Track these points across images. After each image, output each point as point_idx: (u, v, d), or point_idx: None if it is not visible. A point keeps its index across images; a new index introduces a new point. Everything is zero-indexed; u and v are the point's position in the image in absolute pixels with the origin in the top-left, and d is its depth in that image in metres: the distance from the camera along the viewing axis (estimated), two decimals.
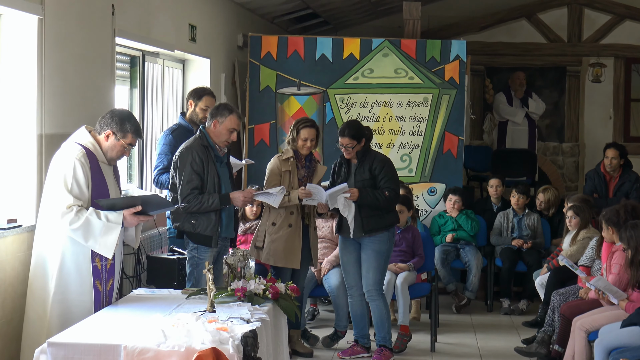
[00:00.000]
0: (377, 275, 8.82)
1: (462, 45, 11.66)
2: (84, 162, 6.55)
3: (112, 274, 6.83)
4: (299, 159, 8.75)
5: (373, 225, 8.70)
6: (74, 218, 6.47)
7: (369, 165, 8.75)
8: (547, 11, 15.98)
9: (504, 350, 9.30)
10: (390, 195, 8.72)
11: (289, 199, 8.53)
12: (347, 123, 8.94)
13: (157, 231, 9.38)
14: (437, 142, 11.56)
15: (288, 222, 8.66)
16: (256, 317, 6.30)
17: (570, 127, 16.07)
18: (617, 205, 8.95)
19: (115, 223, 6.59)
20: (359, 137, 8.73)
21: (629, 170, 12.08)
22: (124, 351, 5.53)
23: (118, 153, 6.82)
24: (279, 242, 8.63)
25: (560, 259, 9.14)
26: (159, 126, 10.35)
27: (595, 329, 7.89)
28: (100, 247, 6.58)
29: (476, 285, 11.18)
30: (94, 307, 6.62)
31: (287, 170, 8.64)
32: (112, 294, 6.87)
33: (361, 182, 8.67)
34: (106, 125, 6.75)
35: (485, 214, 11.81)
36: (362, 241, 8.81)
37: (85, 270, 6.61)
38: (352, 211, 8.62)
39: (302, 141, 8.69)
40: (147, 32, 9.26)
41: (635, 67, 16.11)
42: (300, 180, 8.67)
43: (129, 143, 6.81)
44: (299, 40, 11.72)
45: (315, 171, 8.81)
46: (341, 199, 8.56)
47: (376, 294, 8.84)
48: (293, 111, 11.39)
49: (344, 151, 8.77)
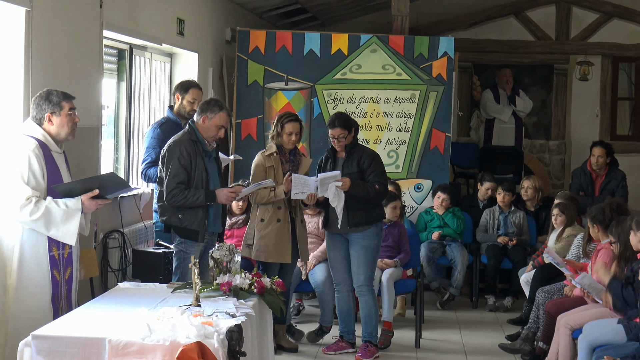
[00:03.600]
0: (367, 271, 8.83)
1: (450, 42, 11.67)
2: (38, 154, 6.54)
3: (70, 263, 6.81)
4: (282, 153, 8.75)
5: (359, 219, 8.70)
6: (34, 209, 6.47)
7: (357, 159, 8.75)
8: (535, 9, 16.02)
9: (489, 347, 9.32)
10: (380, 189, 8.73)
11: (274, 194, 8.54)
12: (336, 114, 8.95)
13: (142, 225, 9.38)
14: (424, 138, 11.57)
15: (276, 217, 8.66)
16: (241, 312, 6.30)
17: (557, 124, 16.11)
18: (603, 203, 8.98)
19: (74, 209, 6.59)
20: (349, 127, 8.73)
21: (615, 169, 12.13)
22: (109, 345, 5.52)
23: (69, 124, 6.73)
24: (269, 237, 8.63)
25: (545, 256, 9.16)
26: (146, 120, 10.34)
27: (580, 326, 7.91)
28: (63, 235, 6.59)
29: (461, 281, 11.20)
30: (51, 296, 6.62)
31: (272, 166, 8.64)
32: (72, 283, 6.85)
33: (349, 176, 8.65)
34: (41, 112, 6.67)
35: (472, 211, 11.83)
36: (350, 237, 8.81)
37: (44, 261, 6.60)
38: (341, 201, 8.60)
39: (287, 135, 8.69)
40: (135, 25, 9.25)
41: (622, 65, 16.17)
42: (284, 174, 8.68)
43: (70, 109, 6.71)
44: (287, 35, 11.71)
45: (300, 164, 8.81)
46: (332, 188, 8.54)
47: (367, 289, 8.85)
48: (280, 106, 11.38)
49: (336, 143, 8.75)
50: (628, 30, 15.87)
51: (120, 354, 5.50)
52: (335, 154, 8.88)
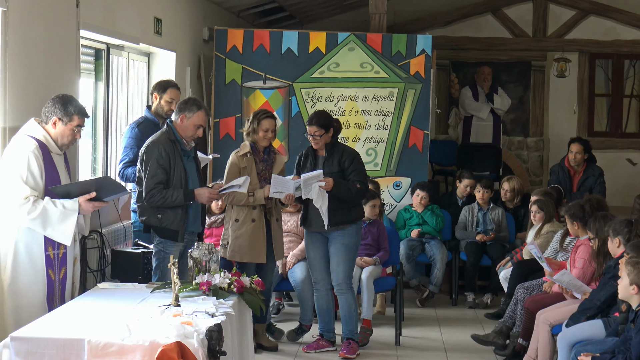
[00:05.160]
0: (346, 269, 8.84)
1: (428, 40, 11.68)
2: (37, 154, 6.66)
3: (65, 263, 6.89)
4: (256, 153, 8.75)
5: (340, 218, 8.70)
6: (32, 208, 6.57)
7: (338, 158, 8.74)
8: (512, 6, 16.06)
9: (468, 344, 9.32)
10: (361, 188, 8.74)
11: (254, 199, 8.55)
12: (316, 112, 8.95)
13: (121, 225, 9.35)
14: (402, 136, 11.58)
15: (251, 217, 8.66)
16: (221, 311, 6.29)
17: (535, 121, 16.16)
18: (581, 200, 9.03)
19: (71, 210, 6.69)
20: (327, 126, 8.73)
21: (593, 165, 12.19)
22: (88, 345, 5.50)
23: (69, 137, 6.89)
24: (243, 237, 8.64)
25: (530, 247, 9.16)
26: (124, 119, 10.31)
27: (559, 323, 7.94)
28: (59, 235, 6.69)
29: (440, 279, 11.22)
30: (46, 295, 6.71)
31: (245, 167, 8.64)
32: (65, 283, 6.92)
33: (330, 175, 8.64)
34: (51, 113, 6.83)
35: (450, 208, 11.85)
36: (330, 235, 8.81)
37: (39, 260, 6.69)
38: (325, 201, 8.60)
39: (263, 132, 8.70)
40: (112, 25, 9.21)
41: (600, 62, 16.23)
42: (259, 174, 8.69)
43: (77, 125, 6.89)
44: (264, 33, 11.69)
45: (274, 163, 8.82)
46: (315, 188, 8.54)
47: (346, 287, 8.86)
48: (259, 105, 11.35)
49: (312, 140, 8.75)
50: (605, 27, 15.94)
51: (99, 355, 5.49)
52: (315, 152, 8.87)
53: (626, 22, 15.85)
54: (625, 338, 6.60)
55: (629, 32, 15.91)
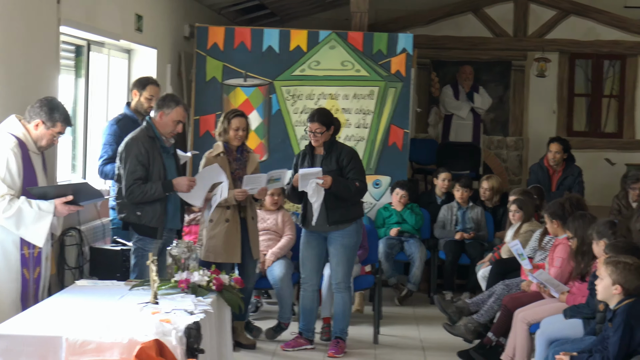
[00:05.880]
0: (346, 268, 8.87)
1: (409, 39, 11.69)
2: (16, 152, 6.65)
3: (39, 262, 6.87)
4: (229, 152, 8.76)
5: (338, 217, 8.71)
6: (7, 206, 6.56)
7: (337, 156, 8.75)
8: (493, 5, 16.11)
9: (446, 342, 9.35)
10: (360, 186, 8.76)
11: (225, 200, 8.55)
12: (318, 109, 8.99)
13: (100, 222, 9.34)
14: (382, 134, 11.58)
15: (225, 217, 8.68)
16: (199, 309, 6.29)
17: (514, 121, 16.22)
18: (561, 198, 9.06)
19: (46, 212, 6.67)
20: (328, 123, 8.75)
21: (572, 165, 12.25)
22: (66, 343, 5.49)
23: (48, 142, 6.90)
24: (218, 238, 8.66)
25: (512, 245, 9.17)
26: (104, 116, 10.29)
27: (537, 321, 7.97)
28: (32, 236, 6.67)
29: (418, 277, 11.24)
30: (20, 295, 6.68)
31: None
32: (40, 283, 6.90)
33: (328, 173, 8.64)
34: (35, 115, 6.82)
35: (430, 207, 11.88)
36: (330, 235, 8.82)
37: (14, 259, 6.67)
38: (320, 198, 8.60)
39: (233, 131, 8.72)
40: (92, 21, 9.19)
41: (579, 62, 16.30)
42: (232, 173, 8.71)
43: (59, 132, 6.91)
44: (245, 31, 11.68)
45: (247, 162, 8.83)
46: (312, 184, 8.55)
47: (344, 286, 8.90)
48: (239, 102, 11.35)
49: (312, 138, 8.74)
50: (585, 27, 16.01)
51: (77, 352, 5.48)
52: (313, 151, 8.87)
53: (606, 22, 15.93)
54: (603, 337, 6.63)
55: (609, 32, 15.98)
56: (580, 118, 16.40)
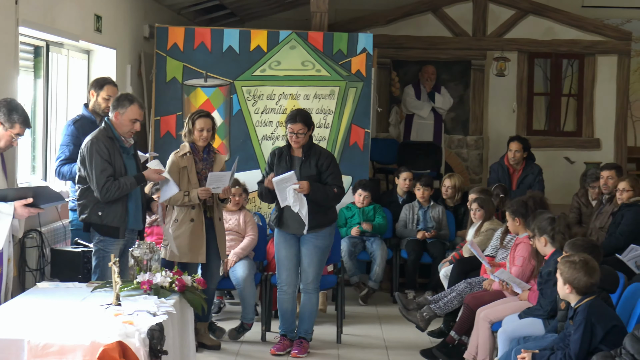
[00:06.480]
0: (316, 270, 8.89)
1: (369, 39, 11.71)
2: None
3: (0, 264, 6.78)
4: (196, 152, 8.75)
5: (316, 222, 8.72)
6: None
7: (315, 160, 8.72)
8: (452, 5, 16.14)
9: (409, 341, 9.38)
10: (338, 192, 8.76)
11: (189, 198, 8.54)
12: (298, 110, 8.95)
13: (60, 224, 9.27)
14: (343, 134, 11.60)
15: (190, 216, 8.66)
16: (162, 310, 6.28)
17: (474, 120, 16.27)
18: (524, 196, 9.12)
19: (5, 214, 6.63)
20: (310, 124, 8.74)
21: (532, 163, 12.32)
22: (28, 346, 5.46)
23: (6, 143, 6.90)
24: (183, 237, 8.63)
25: (469, 245, 9.20)
26: (64, 117, 10.21)
27: (499, 320, 8.02)
28: None
29: (380, 275, 11.27)
30: None
31: (185, 167, 8.64)
32: (1, 285, 6.83)
33: (307, 178, 8.63)
34: None
35: (391, 206, 11.91)
36: (302, 236, 8.82)
37: None
38: (304, 204, 8.58)
39: (198, 132, 8.71)
40: (51, 21, 9.13)
41: (538, 61, 16.38)
42: (198, 173, 8.70)
43: (17, 133, 6.89)
44: (205, 31, 11.66)
45: (214, 162, 8.82)
46: (291, 192, 8.52)
47: (313, 288, 8.92)
48: (200, 103, 11.32)
49: (294, 139, 8.68)
50: (543, 27, 16.08)
51: (39, 355, 5.45)
52: (290, 152, 8.84)
53: (564, 21, 16.02)
54: (565, 335, 6.68)
55: (567, 31, 16.07)
56: (540, 117, 16.48)
